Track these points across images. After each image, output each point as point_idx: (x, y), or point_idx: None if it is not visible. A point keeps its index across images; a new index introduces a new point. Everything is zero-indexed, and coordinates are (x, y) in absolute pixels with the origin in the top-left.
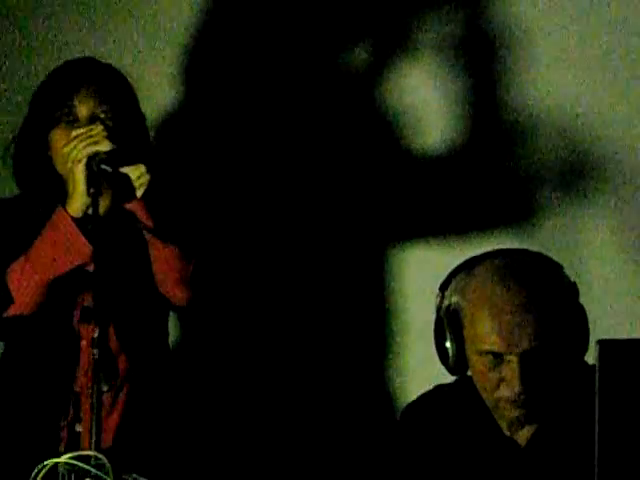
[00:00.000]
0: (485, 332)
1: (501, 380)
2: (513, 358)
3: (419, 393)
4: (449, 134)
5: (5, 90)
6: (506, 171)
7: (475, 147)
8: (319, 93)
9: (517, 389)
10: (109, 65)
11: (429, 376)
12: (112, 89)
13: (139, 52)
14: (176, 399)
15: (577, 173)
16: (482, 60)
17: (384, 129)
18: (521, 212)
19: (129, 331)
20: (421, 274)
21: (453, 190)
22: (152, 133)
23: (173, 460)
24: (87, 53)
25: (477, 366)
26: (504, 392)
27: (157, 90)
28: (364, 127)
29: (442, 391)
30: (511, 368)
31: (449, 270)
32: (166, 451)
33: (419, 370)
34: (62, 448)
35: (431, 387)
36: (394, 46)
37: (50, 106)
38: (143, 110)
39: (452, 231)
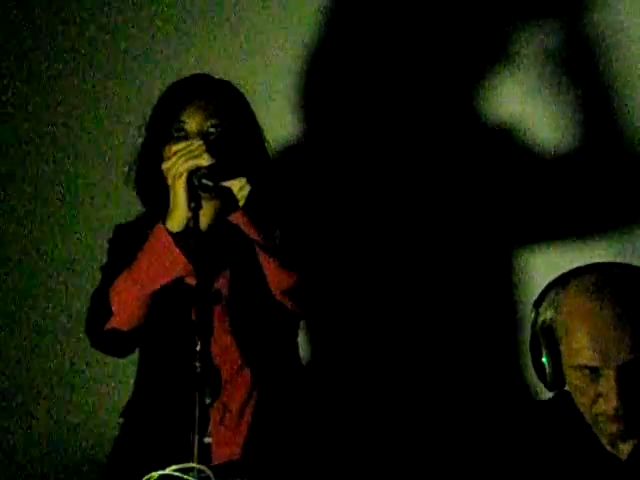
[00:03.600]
0: (580, 347)
1: (599, 395)
2: (610, 372)
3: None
4: (552, 145)
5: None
6: (610, 181)
7: (578, 158)
8: (425, 106)
9: (615, 403)
10: (223, 80)
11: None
12: (223, 103)
13: (254, 72)
14: (305, 411)
15: None
16: (585, 71)
17: (488, 140)
18: (623, 223)
19: (252, 344)
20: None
21: (559, 201)
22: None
23: (300, 472)
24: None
25: (574, 381)
26: (602, 407)
27: (272, 109)
28: (469, 138)
29: (541, 407)
30: (608, 382)
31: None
32: (294, 463)
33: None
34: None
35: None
36: (497, 58)
37: (163, 122)
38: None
39: (557, 240)
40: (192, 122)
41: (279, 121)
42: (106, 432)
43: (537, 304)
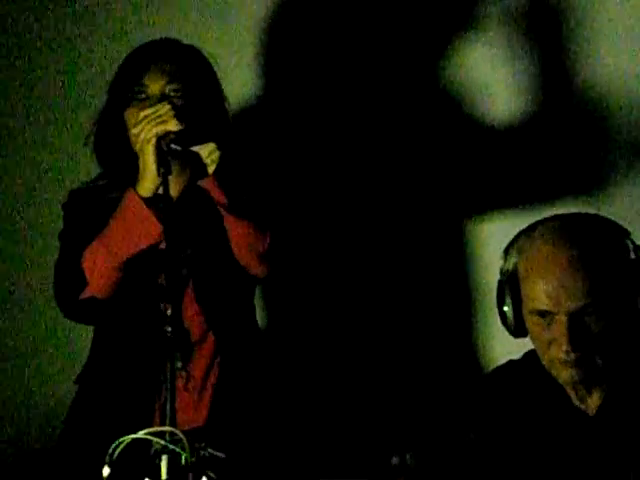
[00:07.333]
0: (535, 291)
1: (552, 340)
2: (562, 318)
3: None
4: (516, 108)
5: (90, 74)
6: (575, 143)
7: (542, 120)
8: (384, 70)
9: (565, 347)
10: (187, 45)
11: (511, 346)
12: (186, 67)
13: (217, 36)
14: (266, 376)
15: None
16: (548, 34)
17: (451, 105)
18: (593, 183)
19: (215, 308)
20: (497, 246)
21: (524, 163)
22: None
23: (264, 437)
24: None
25: (531, 326)
26: (555, 352)
27: (235, 73)
28: (433, 104)
29: (513, 365)
30: (560, 327)
31: None
32: (258, 428)
33: (501, 340)
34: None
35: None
36: (459, 21)
37: (124, 86)
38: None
39: (525, 203)
40: (154, 86)
41: (242, 84)
42: (61, 397)
43: (506, 251)
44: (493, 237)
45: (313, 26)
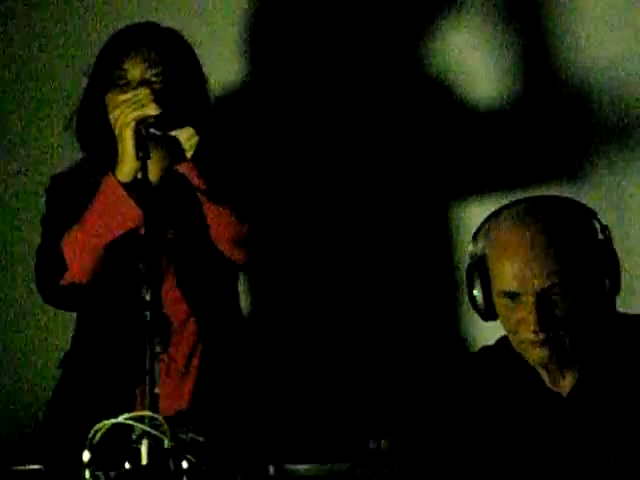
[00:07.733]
0: (502, 273)
1: (521, 321)
2: (529, 298)
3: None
4: (499, 94)
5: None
6: (558, 128)
7: (526, 105)
8: (366, 56)
9: (533, 327)
10: (167, 28)
11: (495, 332)
12: (167, 51)
13: (199, 20)
14: (248, 361)
15: (626, 130)
16: (531, 19)
17: (435, 91)
18: (576, 168)
19: (197, 293)
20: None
21: (508, 149)
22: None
23: (246, 422)
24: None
25: (500, 309)
26: (524, 333)
27: (217, 58)
28: (417, 90)
29: (486, 351)
30: (527, 308)
31: None
32: (240, 413)
33: (485, 327)
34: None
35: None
36: (442, 7)
37: (105, 70)
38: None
39: (508, 188)
40: (134, 70)
41: (224, 69)
42: (46, 382)
43: (474, 236)
44: (478, 222)
45: (296, 11)
